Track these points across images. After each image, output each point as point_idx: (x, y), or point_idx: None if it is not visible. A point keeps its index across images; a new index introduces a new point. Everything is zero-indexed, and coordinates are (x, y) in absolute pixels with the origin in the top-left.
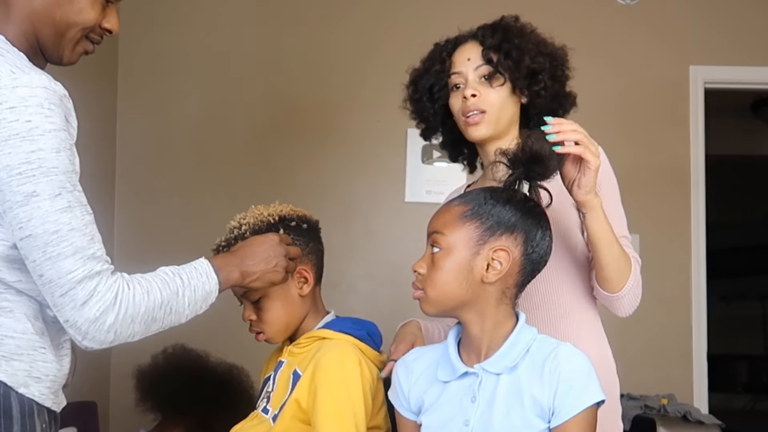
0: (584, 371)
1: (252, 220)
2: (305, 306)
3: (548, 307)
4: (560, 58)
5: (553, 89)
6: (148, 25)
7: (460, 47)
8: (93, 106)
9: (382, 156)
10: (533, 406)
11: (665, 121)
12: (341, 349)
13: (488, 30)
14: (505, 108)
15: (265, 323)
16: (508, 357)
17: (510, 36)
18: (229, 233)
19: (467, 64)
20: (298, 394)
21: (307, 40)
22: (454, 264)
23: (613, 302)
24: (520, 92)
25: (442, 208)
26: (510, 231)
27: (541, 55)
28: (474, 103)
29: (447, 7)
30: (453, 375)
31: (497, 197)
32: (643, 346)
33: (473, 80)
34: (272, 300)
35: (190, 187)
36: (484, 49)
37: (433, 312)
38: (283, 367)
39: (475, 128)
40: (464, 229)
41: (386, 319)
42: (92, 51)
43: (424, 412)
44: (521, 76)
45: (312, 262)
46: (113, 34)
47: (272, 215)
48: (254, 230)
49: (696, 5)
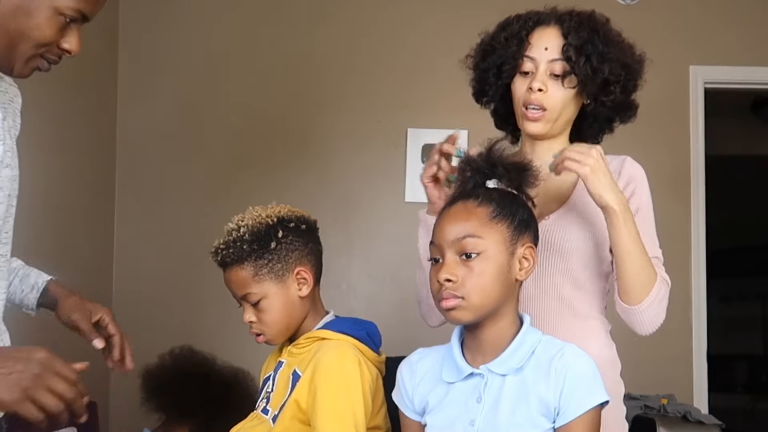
0: (590, 372)
1: (250, 222)
2: (305, 307)
3: (558, 308)
4: (636, 72)
5: (619, 100)
6: (148, 25)
7: (540, 29)
8: (93, 104)
9: (382, 156)
10: (539, 406)
11: (665, 121)
12: (341, 350)
13: (575, 21)
14: (567, 109)
15: (265, 325)
16: (514, 358)
17: (595, 39)
18: (227, 235)
19: (543, 53)
20: (297, 395)
21: (307, 39)
22: (495, 266)
23: (630, 316)
24: (587, 96)
25: (459, 212)
26: (528, 226)
27: (620, 65)
28: (538, 98)
29: (451, 4)
30: (458, 376)
31: (507, 194)
32: (643, 346)
33: (543, 72)
34: (272, 301)
35: (191, 186)
36: (565, 44)
37: (471, 319)
38: (282, 368)
39: (533, 124)
40: (497, 229)
41: (386, 319)
42: (47, 69)
43: (429, 413)
44: (594, 84)
45: (311, 262)
46: (73, 55)
47: (270, 216)
48: (252, 232)
49: (696, 5)
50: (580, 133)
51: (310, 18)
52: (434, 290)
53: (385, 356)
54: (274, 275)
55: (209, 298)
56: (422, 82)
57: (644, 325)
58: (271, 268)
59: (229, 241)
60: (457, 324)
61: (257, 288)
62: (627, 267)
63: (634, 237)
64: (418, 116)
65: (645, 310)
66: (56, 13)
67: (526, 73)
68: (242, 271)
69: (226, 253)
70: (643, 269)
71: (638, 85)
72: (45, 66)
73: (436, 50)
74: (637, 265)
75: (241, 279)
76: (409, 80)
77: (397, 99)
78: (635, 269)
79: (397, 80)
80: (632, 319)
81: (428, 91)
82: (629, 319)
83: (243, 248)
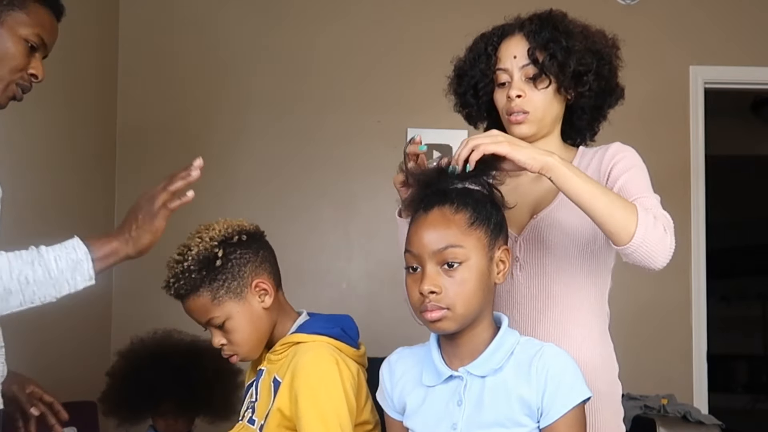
0: (571, 369)
1: (194, 249)
2: (272, 316)
3: (553, 308)
4: (608, 54)
5: (600, 87)
6: (148, 26)
7: (506, 41)
8: (93, 104)
9: (382, 156)
10: (521, 406)
11: (665, 121)
12: (316, 351)
13: (535, 24)
14: (550, 108)
15: (236, 344)
16: (493, 359)
17: (557, 35)
18: (174, 268)
19: (513, 61)
20: (279, 403)
21: (308, 39)
22: (477, 274)
23: (631, 256)
24: (566, 92)
25: (437, 220)
26: (502, 228)
27: (588, 54)
28: (518, 104)
29: (452, 5)
30: (438, 379)
31: (481, 196)
32: (643, 346)
33: (518, 79)
34: (237, 321)
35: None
36: (530, 48)
37: (456, 328)
38: (263, 376)
39: (518, 127)
40: (475, 236)
41: (386, 319)
42: (20, 98)
43: (409, 416)
44: (566, 78)
45: (267, 270)
46: (40, 80)
47: (213, 238)
48: (198, 259)
49: (696, 5)
50: (573, 127)
51: (310, 18)
52: (415, 301)
53: (364, 348)
54: (232, 294)
55: None
56: (422, 82)
57: (650, 258)
58: (227, 288)
59: (178, 273)
60: (442, 333)
61: (219, 311)
62: (595, 208)
63: (585, 179)
64: (418, 116)
65: (640, 243)
66: (21, 39)
67: (503, 84)
68: (199, 299)
69: (179, 286)
70: (612, 203)
71: (616, 68)
72: (20, 95)
73: (436, 50)
74: (604, 201)
75: (201, 306)
76: (409, 80)
77: (397, 99)
78: (603, 205)
79: (397, 80)
80: (635, 258)
81: (428, 91)
82: (633, 259)
83: (193, 277)
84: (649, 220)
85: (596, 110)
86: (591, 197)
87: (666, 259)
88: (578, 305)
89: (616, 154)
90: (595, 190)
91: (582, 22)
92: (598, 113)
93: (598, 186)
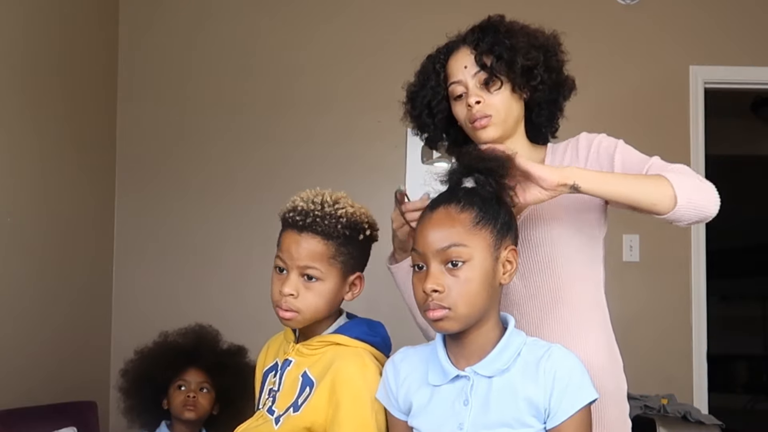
0: (578, 371)
1: (349, 208)
2: (332, 309)
3: (558, 307)
4: (552, 47)
5: (551, 79)
6: (148, 25)
7: (453, 55)
8: (93, 104)
9: (382, 156)
10: (528, 407)
11: (665, 121)
12: (361, 360)
13: (477, 33)
14: (510, 109)
15: (305, 304)
16: (500, 360)
17: (500, 37)
18: (320, 204)
19: (464, 71)
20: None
21: (307, 39)
22: (481, 273)
23: (685, 217)
24: (520, 90)
25: (442, 219)
26: (509, 228)
27: (533, 49)
28: (479, 109)
29: (449, 5)
30: (444, 379)
31: (488, 195)
32: (643, 346)
33: (473, 86)
34: (326, 287)
35: (191, 185)
36: (476, 55)
37: (458, 328)
38: (291, 367)
39: (484, 131)
40: (481, 235)
41: (386, 319)
42: None
43: (414, 416)
44: (517, 75)
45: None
46: None
47: (366, 214)
48: (349, 218)
49: (696, 5)
50: (533, 124)
51: (310, 18)
52: (419, 300)
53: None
54: (343, 267)
55: (209, 297)
56: None
57: (703, 208)
58: (345, 260)
59: (327, 213)
60: (445, 333)
61: (325, 269)
62: (630, 193)
63: (604, 173)
64: None
65: (687, 201)
66: None
67: (460, 97)
68: (322, 246)
69: (319, 222)
70: (639, 181)
71: (563, 61)
72: None
73: None
74: (633, 183)
75: (317, 252)
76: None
77: (397, 99)
78: (637, 190)
79: (397, 80)
80: (689, 216)
81: None
82: (687, 218)
83: (337, 228)
84: (677, 177)
85: (552, 104)
86: (620, 187)
87: (716, 198)
88: (576, 300)
89: (591, 143)
90: (620, 180)
91: (521, 22)
92: (555, 107)
93: (617, 174)
